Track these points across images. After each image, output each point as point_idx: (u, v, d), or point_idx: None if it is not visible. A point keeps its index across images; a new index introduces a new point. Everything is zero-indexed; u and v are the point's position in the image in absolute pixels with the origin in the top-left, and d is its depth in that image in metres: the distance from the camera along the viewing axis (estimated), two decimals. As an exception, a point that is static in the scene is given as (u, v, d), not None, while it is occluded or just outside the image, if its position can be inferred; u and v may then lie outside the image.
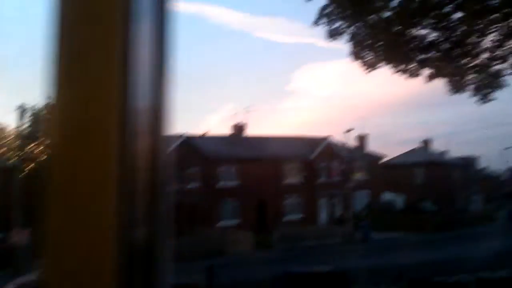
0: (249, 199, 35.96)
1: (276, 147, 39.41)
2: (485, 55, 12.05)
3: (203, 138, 40.64)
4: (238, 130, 41.53)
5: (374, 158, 46.03)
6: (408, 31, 11.71)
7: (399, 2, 11.32)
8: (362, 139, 48.00)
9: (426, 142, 58.33)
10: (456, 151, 70.46)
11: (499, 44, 12.09)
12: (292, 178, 39.89)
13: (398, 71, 12.28)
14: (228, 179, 36.55)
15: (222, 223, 34.53)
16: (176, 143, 33.11)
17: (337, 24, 11.31)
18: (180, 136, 33.85)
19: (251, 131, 42.26)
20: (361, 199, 43.61)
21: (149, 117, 0.77)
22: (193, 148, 34.35)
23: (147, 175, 0.76)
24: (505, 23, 12.03)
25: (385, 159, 48.58)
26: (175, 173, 32.67)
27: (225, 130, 44.14)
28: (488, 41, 11.98)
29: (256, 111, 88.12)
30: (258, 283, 16.54)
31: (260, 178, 36.02)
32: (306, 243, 30.03)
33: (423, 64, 12.10)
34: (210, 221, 33.50)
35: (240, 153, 37.72)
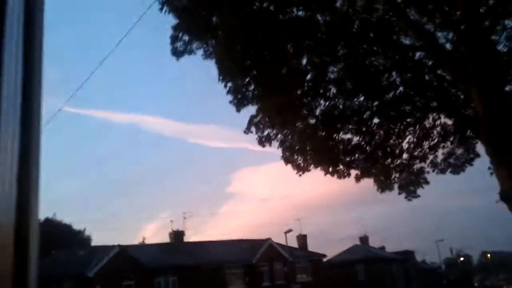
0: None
1: (216, 252, 38.41)
2: (406, 156, 12.98)
3: (139, 247, 38.96)
4: (176, 237, 40.38)
5: (315, 258, 45.82)
6: (333, 136, 12.51)
7: (322, 110, 12.21)
8: (302, 238, 48.06)
9: (363, 239, 59.39)
10: (392, 246, 72.00)
11: (416, 145, 13.14)
12: (235, 283, 38.50)
13: (328, 173, 12.84)
14: (167, 290, 34.67)
15: None
16: (111, 254, 31.52)
17: (266, 132, 11.90)
18: (114, 246, 32.43)
19: (190, 237, 41.22)
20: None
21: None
22: (128, 258, 32.68)
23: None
24: (419, 125, 13.23)
25: (326, 258, 48.48)
26: (111, 285, 30.59)
27: (162, 238, 42.74)
28: (406, 142, 13.01)
29: (195, 216, 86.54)
30: None
31: (202, 285, 34.46)
32: None
33: (350, 165, 12.79)
34: None
35: (179, 260, 36.28)
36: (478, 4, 8.94)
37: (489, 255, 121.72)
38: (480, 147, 12.34)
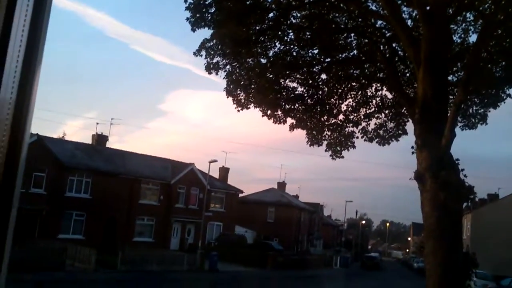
0: (98, 214, 34.15)
1: (136, 165, 38.34)
2: (341, 117, 13.41)
3: (57, 141, 37.89)
4: (99, 140, 39.63)
5: (232, 192, 47.27)
6: (279, 80, 12.57)
7: (276, 52, 12.16)
8: (224, 171, 49.13)
9: (281, 184, 61.90)
10: (305, 196, 75.71)
11: (354, 109, 13.58)
12: (149, 199, 39.00)
13: (266, 115, 13.01)
14: (78, 190, 34.36)
15: (65, 236, 32.11)
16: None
17: (216, 59, 11.70)
18: (32, 134, 31.07)
19: (112, 144, 40.64)
20: (214, 230, 44.23)
21: (12, 113, 0.70)
22: (45, 150, 31.69)
23: (3, 177, 0.69)
24: (362, 92, 13.62)
25: (242, 195, 50.18)
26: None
27: (83, 138, 41.69)
28: (345, 105, 13.39)
29: (122, 124, 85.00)
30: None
31: (114, 194, 34.55)
32: (153, 267, 29.31)
33: (288, 113, 13.01)
34: (52, 232, 30.96)
35: (97, 164, 35.89)
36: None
37: (388, 224, 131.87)
38: (409, 126, 13.01)
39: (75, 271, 24.95)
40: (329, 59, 12.76)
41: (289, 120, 13.17)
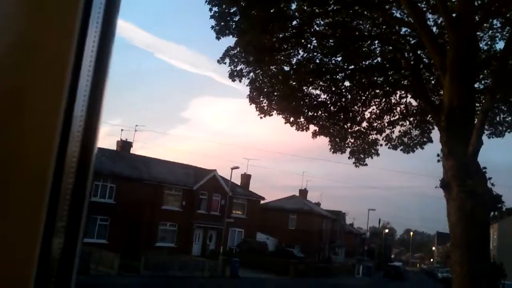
0: (122, 219, 34.59)
1: (159, 171, 38.75)
2: (365, 124, 13.34)
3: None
4: (123, 146, 40.22)
5: (253, 199, 47.28)
6: (302, 87, 12.60)
7: (299, 60, 12.20)
8: (246, 178, 49.20)
9: (302, 192, 61.62)
10: (327, 204, 75.24)
11: (378, 116, 13.49)
12: (172, 204, 39.32)
13: (288, 122, 13.05)
14: (103, 195, 34.91)
15: (89, 240, 32.62)
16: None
17: (239, 67, 11.81)
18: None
19: (136, 150, 41.22)
20: (235, 236, 44.29)
21: (85, 123, 0.76)
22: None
23: (75, 183, 0.75)
24: (385, 99, 13.53)
25: (263, 202, 50.13)
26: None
27: (107, 144, 42.30)
28: (369, 112, 13.32)
29: (145, 131, 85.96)
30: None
31: (138, 199, 34.95)
32: (175, 272, 29.51)
33: (311, 120, 13.02)
34: (76, 237, 31.45)
35: (121, 170, 36.41)
36: (475, -4, 9.02)
37: (411, 233, 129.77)
38: (435, 134, 12.85)
39: (99, 275, 25.29)
40: (352, 67, 12.73)
41: (312, 127, 13.19)
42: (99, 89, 0.80)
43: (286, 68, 12.24)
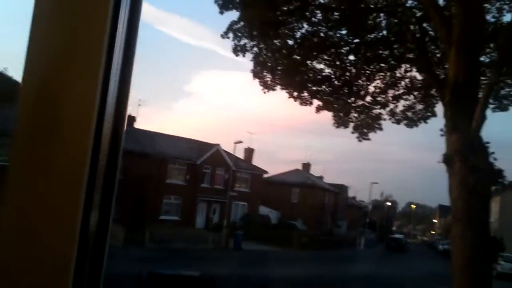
0: (127, 193, 34.94)
1: (163, 145, 38.90)
2: (369, 99, 13.30)
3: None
4: (127, 121, 40.19)
5: (256, 173, 47.54)
6: (306, 62, 12.52)
7: (303, 34, 12.08)
8: (249, 152, 49.37)
9: (305, 165, 61.87)
10: (330, 178, 75.58)
11: (382, 91, 13.44)
12: (176, 178, 39.63)
13: (292, 97, 13.02)
14: (108, 170, 35.15)
15: (94, 214, 32.98)
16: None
17: (243, 42, 11.71)
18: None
19: (139, 125, 41.29)
20: (239, 210, 44.76)
21: (115, 110, 0.83)
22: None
23: (108, 162, 0.83)
24: (390, 73, 13.44)
25: (266, 175, 50.41)
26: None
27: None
28: (373, 86, 13.26)
29: (149, 105, 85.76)
30: (120, 280, 16.12)
31: (142, 173, 35.21)
32: (179, 245, 29.98)
33: (315, 95, 12.99)
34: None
35: (126, 145, 36.35)
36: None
37: (413, 206, 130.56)
38: (439, 108, 12.81)
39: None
40: (357, 40, 12.60)
41: (316, 102, 13.16)
42: (127, 78, 0.87)
43: (290, 42, 12.14)
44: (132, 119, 40.61)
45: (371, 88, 13.29)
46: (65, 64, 0.80)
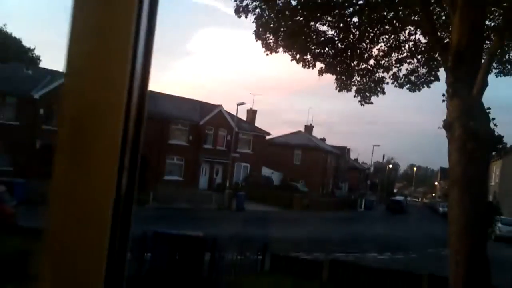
0: (130, 154, 35.19)
1: (165, 105, 38.86)
2: (372, 62, 13.16)
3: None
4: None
5: (259, 134, 47.68)
6: (309, 23, 12.32)
7: (307, -6, 11.83)
8: (251, 113, 49.34)
9: (308, 127, 61.92)
10: (333, 140, 75.69)
11: (386, 54, 13.28)
12: (178, 139, 39.82)
13: (294, 59, 12.89)
14: (111, 130, 35.27)
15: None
16: (55, 82, 30.69)
17: (245, 2, 11.51)
18: (60, 73, 31.72)
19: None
20: (241, 171, 45.17)
21: (140, 76, 0.91)
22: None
23: (135, 131, 0.95)
24: (394, 36, 13.24)
25: (269, 137, 50.58)
26: (49, 113, 30.46)
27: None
28: (377, 49, 13.09)
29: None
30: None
31: (145, 134, 35.24)
32: (183, 205, 30.49)
33: (317, 57, 12.85)
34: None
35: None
36: None
37: (415, 168, 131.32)
38: (442, 72, 12.69)
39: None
40: (361, 1, 12.35)
41: (318, 65, 13.03)
42: (147, 70, 0.95)
43: (294, 2, 11.91)
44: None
45: (375, 51, 13.12)
46: (97, 50, 0.88)
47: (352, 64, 13.14)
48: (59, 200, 0.88)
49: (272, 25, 12.21)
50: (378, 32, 12.96)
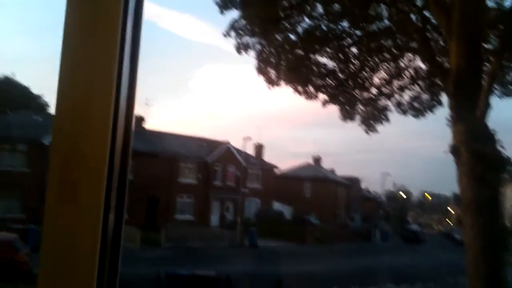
0: (140, 194, 35.16)
1: (173, 144, 39.08)
2: (374, 90, 13.21)
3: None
4: (136, 122, 40.41)
5: (267, 168, 47.57)
6: (309, 56, 12.48)
7: (305, 28, 12.04)
8: (258, 148, 49.39)
9: (316, 159, 61.69)
10: (342, 170, 75.34)
11: (387, 82, 13.34)
12: (187, 177, 39.82)
13: (297, 92, 12.98)
14: (120, 172, 35.40)
15: (108, 216, 33.26)
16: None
17: (245, 39, 11.70)
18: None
19: (148, 125, 41.51)
20: (252, 206, 44.82)
21: (125, 112, 0.93)
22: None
23: (121, 167, 0.94)
24: (394, 63, 13.34)
25: (277, 170, 50.40)
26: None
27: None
28: (378, 78, 13.17)
29: (155, 104, 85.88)
30: (138, 281, 16.29)
31: (154, 173, 35.41)
32: (195, 244, 30.15)
33: (319, 89, 12.94)
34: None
35: (136, 145, 36.74)
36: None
37: (427, 194, 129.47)
38: (444, 96, 12.67)
39: (123, 249, 25.94)
40: (359, 32, 12.52)
41: (321, 96, 13.10)
42: (133, 87, 0.98)
43: (292, 37, 12.10)
44: (140, 119, 40.75)
45: (376, 80, 13.20)
46: (82, 78, 0.91)
47: (354, 93, 13.20)
48: (48, 244, 0.89)
49: (272, 60, 12.37)
50: (378, 60, 13.07)
